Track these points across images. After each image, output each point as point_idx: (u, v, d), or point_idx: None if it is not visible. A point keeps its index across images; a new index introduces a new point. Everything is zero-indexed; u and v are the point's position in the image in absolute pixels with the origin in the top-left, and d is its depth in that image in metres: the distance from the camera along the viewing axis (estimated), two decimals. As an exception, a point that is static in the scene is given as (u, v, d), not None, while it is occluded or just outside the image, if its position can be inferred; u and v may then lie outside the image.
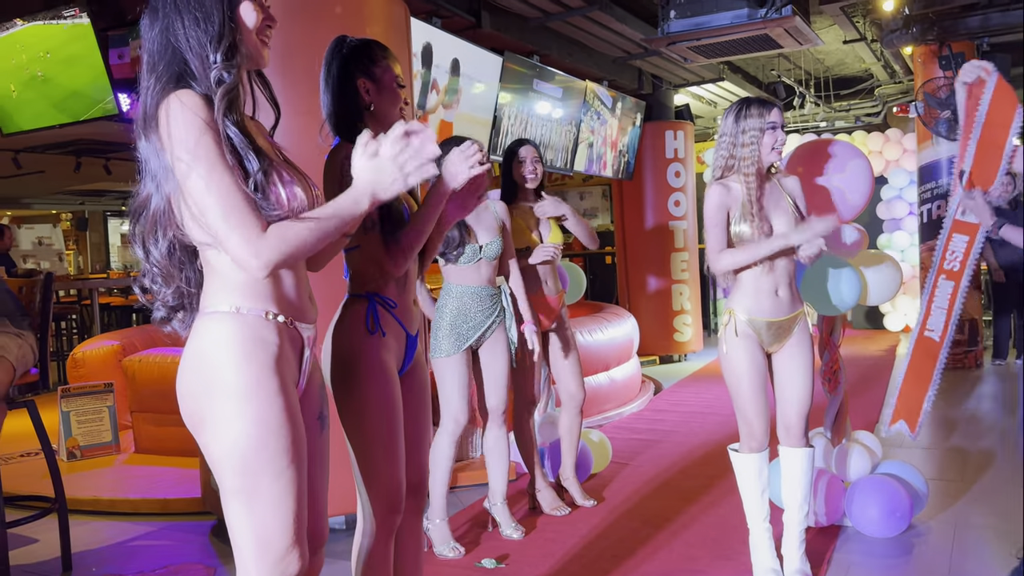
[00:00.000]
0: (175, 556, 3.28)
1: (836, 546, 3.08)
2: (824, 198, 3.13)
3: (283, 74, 3.04)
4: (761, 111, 2.64)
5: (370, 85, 1.99)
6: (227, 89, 1.46)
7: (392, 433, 1.91)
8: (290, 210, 1.50)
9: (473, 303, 3.15)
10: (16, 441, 4.87)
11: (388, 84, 2.02)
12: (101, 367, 5.34)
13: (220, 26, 1.47)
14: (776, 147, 2.66)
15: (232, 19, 1.48)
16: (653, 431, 5.09)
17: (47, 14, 4.60)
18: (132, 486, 4.13)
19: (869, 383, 6.28)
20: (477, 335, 3.15)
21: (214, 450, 1.48)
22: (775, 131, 2.65)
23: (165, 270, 1.53)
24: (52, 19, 4.59)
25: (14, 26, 4.76)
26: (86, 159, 8.66)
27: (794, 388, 2.76)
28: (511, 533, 3.29)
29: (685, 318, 7.81)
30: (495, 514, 3.36)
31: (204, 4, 1.47)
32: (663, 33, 5.00)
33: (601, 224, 12.04)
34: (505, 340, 3.24)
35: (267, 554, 1.48)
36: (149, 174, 1.49)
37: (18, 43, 4.81)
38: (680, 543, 3.20)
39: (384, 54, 2.03)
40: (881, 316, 9.24)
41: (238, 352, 1.47)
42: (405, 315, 2.01)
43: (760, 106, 2.65)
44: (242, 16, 1.51)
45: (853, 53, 7.75)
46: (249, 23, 1.52)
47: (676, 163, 7.80)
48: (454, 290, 3.17)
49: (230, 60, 1.47)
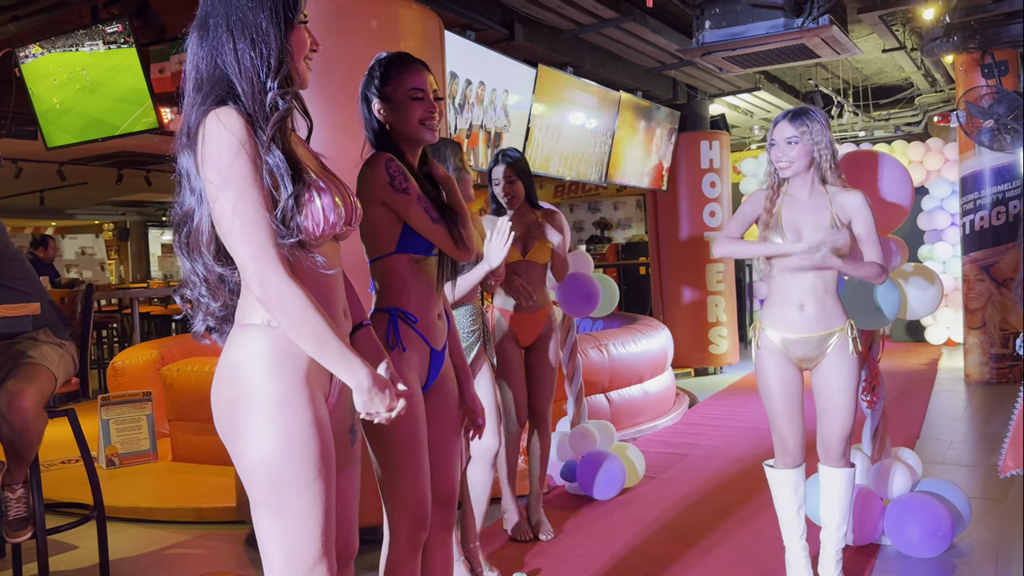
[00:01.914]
0: (211, 564, 3.32)
1: (874, 565, 3.02)
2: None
3: (320, 89, 3.07)
4: (779, 124, 2.63)
5: (382, 105, 2.00)
6: (281, 116, 1.47)
7: (414, 449, 1.91)
8: (329, 224, 1.51)
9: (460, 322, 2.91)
10: (57, 449, 4.96)
11: (399, 100, 1.98)
12: (140, 376, 5.43)
13: (279, 52, 1.48)
14: (778, 164, 2.63)
15: (287, 44, 1.50)
16: (687, 445, 5.04)
17: (84, 36, 4.71)
18: (169, 494, 4.18)
19: (910, 398, 6.15)
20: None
21: (244, 461, 1.50)
22: (773, 147, 2.64)
23: (212, 282, 1.55)
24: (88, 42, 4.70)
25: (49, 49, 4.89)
26: (128, 171, 8.85)
27: (833, 409, 2.68)
28: (486, 573, 3.02)
29: (721, 330, 7.73)
30: (466, 557, 3.02)
31: (261, 28, 1.47)
32: (698, 43, 4.98)
33: (635, 235, 11.98)
34: (489, 370, 2.98)
35: (295, 566, 1.49)
36: (189, 188, 1.51)
37: (51, 65, 4.94)
38: (714, 560, 3.15)
39: (399, 70, 2.00)
40: (923, 329, 9.06)
41: (268, 365, 1.48)
42: (428, 330, 2.00)
43: (781, 119, 2.64)
44: (294, 42, 1.52)
45: (892, 62, 7.64)
46: (299, 48, 1.53)
47: (711, 173, 7.74)
48: None
49: (286, 87, 1.50)
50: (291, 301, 1.43)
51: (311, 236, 1.50)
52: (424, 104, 1.99)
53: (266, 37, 1.47)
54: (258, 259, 1.42)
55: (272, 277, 1.43)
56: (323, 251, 1.55)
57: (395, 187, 1.90)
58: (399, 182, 1.90)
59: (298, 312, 1.44)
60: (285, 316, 1.44)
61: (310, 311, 1.44)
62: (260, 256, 1.42)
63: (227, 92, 1.47)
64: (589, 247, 11.46)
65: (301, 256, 1.49)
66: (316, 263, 1.51)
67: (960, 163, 6.93)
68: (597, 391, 5.13)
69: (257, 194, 1.43)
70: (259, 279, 1.43)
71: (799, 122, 2.60)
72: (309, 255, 1.50)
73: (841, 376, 2.66)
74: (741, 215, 2.75)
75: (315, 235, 1.50)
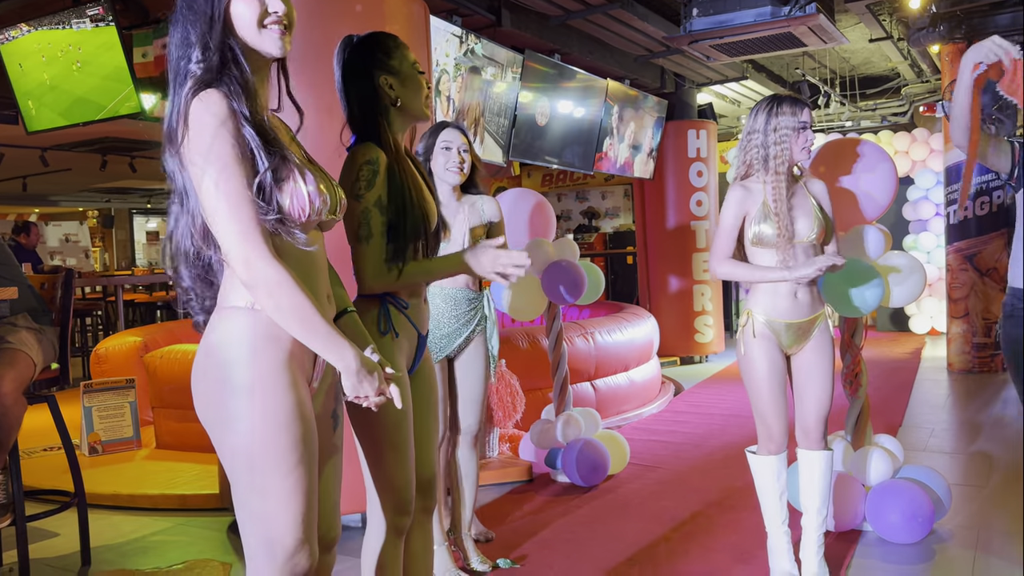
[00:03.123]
0: (192, 552, 3.30)
1: (855, 551, 3.04)
2: (847, 199, 3.09)
3: (302, 73, 3.04)
4: (794, 110, 2.60)
5: (392, 80, 1.95)
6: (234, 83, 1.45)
7: (402, 437, 1.90)
8: (315, 210, 1.50)
9: (446, 308, 2.80)
10: (38, 436, 4.94)
11: (409, 73, 1.97)
12: (124, 363, 5.40)
13: (205, 25, 1.46)
14: (805, 147, 2.63)
15: (221, 19, 1.47)
16: (673, 433, 5.06)
17: (70, 13, 4.64)
18: (152, 481, 4.16)
19: (893, 386, 6.19)
20: (453, 346, 2.82)
21: (225, 445, 1.49)
22: (806, 131, 2.62)
23: (202, 275, 1.55)
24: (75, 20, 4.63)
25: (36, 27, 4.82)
26: (111, 157, 8.77)
27: (813, 391, 2.72)
28: (478, 566, 2.96)
29: (706, 319, 7.75)
30: (463, 546, 2.99)
31: (195, 7, 1.47)
32: (685, 31, 4.96)
33: (623, 224, 11.99)
34: (484, 354, 2.91)
35: (276, 551, 1.48)
36: (177, 192, 1.50)
37: (40, 42, 4.87)
38: (698, 546, 3.16)
39: (396, 43, 1.98)
40: (907, 318, 9.12)
41: (250, 348, 1.47)
42: (417, 315, 2.00)
43: (792, 104, 2.62)
44: (234, 15, 1.49)
45: (879, 52, 7.65)
46: (246, 18, 1.49)
47: (699, 162, 7.74)
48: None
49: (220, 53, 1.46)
50: (277, 283, 1.42)
51: (296, 220, 1.49)
52: (424, 79, 1.99)
53: (200, 15, 1.46)
54: (243, 242, 1.41)
55: (257, 259, 1.42)
56: (307, 239, 1.54)
57: (354, 190, 1.88)
58: (360, 187, 1.89)
59: (284, 294, 1.43)
60: (270, 298, 1.43)
61: (296, 293, 1.43)
62: (245, 239, 1.41)
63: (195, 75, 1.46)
64: (576, 236, 11.46)
65: (285, 239, 1.48)
66: (298, 240, 1.50)
67: (945, 153, 6.95)
68: (583, 379, 5.14)
69: (240, 175, 1.42)
70: (244, 261, 1.42)
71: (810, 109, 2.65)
72: (292, 233, 1.49)
73: (823, 359, 2.71)
74: (729, 226, 2.67)
75: (301, 220, 1.49)
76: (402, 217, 1.92)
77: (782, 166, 2.61)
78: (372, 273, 1.92)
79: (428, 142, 2.87)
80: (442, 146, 2.84)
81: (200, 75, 1.45)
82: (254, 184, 1.44)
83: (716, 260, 2.71)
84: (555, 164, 6.53)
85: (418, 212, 1.95)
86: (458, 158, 2.83)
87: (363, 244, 1.90)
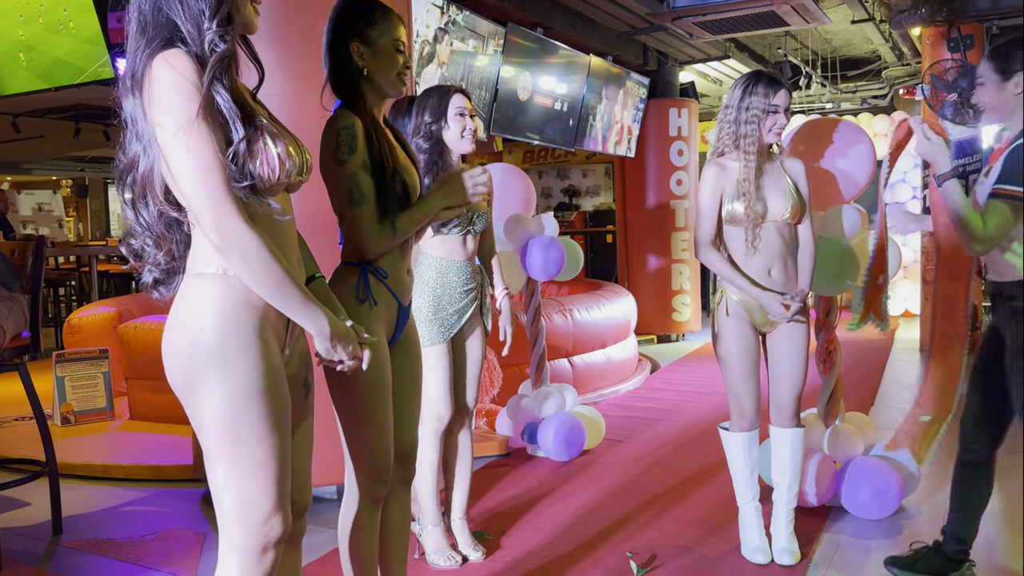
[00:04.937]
0: (166, 522, 3.29)
1: (826, 526, 3.08)
2: (826, 178, 3.10)
3: (279, 38, 3.00)
4: (767, 91, 2.58)
5: (363, 49, 1.92)
6: (221, 56, 1.43)
7: (379, 404, 1.90)
8: (284, 171, 1.48)
9: (458, 280, 2.72)
10: (9, 405, 4.89)
11: (384, 48, 1.93)
12: (97, 333, 5.33)
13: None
14: (774, 130, 2.61)
15: None
16: (648, 409, 5.09)
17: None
18: (125, 452, 4.14)
19: (864, 365, 6.27)
20: (462, 323, 2.75)
21: (198, 413, 1.48)
22: (776, 114, 2.59)
23: (157, 232, 1.51)
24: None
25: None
26: (85, 125, 8.61)
27: (787, 369, 2.74)
28: (470, 553, 2.85)
29: (684, 298, 7.79)
30: (454, 531, 2.91)
31: None
32: (669, 7, 4.96)
33: (603, 202, 11.99)
34: (482, 329, 2.86)
35: (250, 517, 1.48)
36: (135, 134, 1.47)
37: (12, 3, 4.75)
38: (670, 519, 3.20)
39: (384, 16, 1.95)
40: (881, 300, 9.21)
41: (223, 314, 1.45)
42: (398, 285, 1.99)
43: (767, 85, 2.59)
44: None
45: (861, 34, 7.66)
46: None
47: (679, 141, 7.74)
48: (435, 263, 2.71)
49: (225, 27, 1.45)
50: (250, 248, 1.41)
51: (266, 182, 1.47)
52: (403, 58, 1.95)
53: None
54: (216, 206, 1.39)
55: (230, 224, 1.40)
56: (276, 201, 1.52)
57: (336, 156, 1.86)
58: (342, 152, 1.86)
59: (257, 259, 1.42)
60: (244, 263, 1.42)
61: (269, 258, 1.42)
62: (218, 203, 1.40)
63: (172, 34, 1.43)
64: (557, 214, 11.44)
65: (255, 204, 1.46)
66: (271, 209, 1.49)
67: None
68: (560, 355, 5.15)
69: (211, 138, 1.40)
70: (216, 226, 1.40)
71: (788, 91, 2.62)
72: (264, 202, 1.47)
73: (797, 338, 2.73)
74: (709, 207, 2.64)
75: (270, 181, 1.47)
76: (382, 184, 1.90)
77: (751, 145, 2.60)
78: (372, 234, 1.89)
79: (437, 107, 2.66)
80: (456, 112, 2.66)
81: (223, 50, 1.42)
82: (229, 152, 1.42)
83: (701, 245, 2.68)
84: (536, 140, 6.50)
85: (398, 180, 1.93)
86: (473, 124, 2.71)
87: (357, 208, 1.88)
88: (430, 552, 2.82)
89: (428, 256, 2.73)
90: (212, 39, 1.42)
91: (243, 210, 1.42)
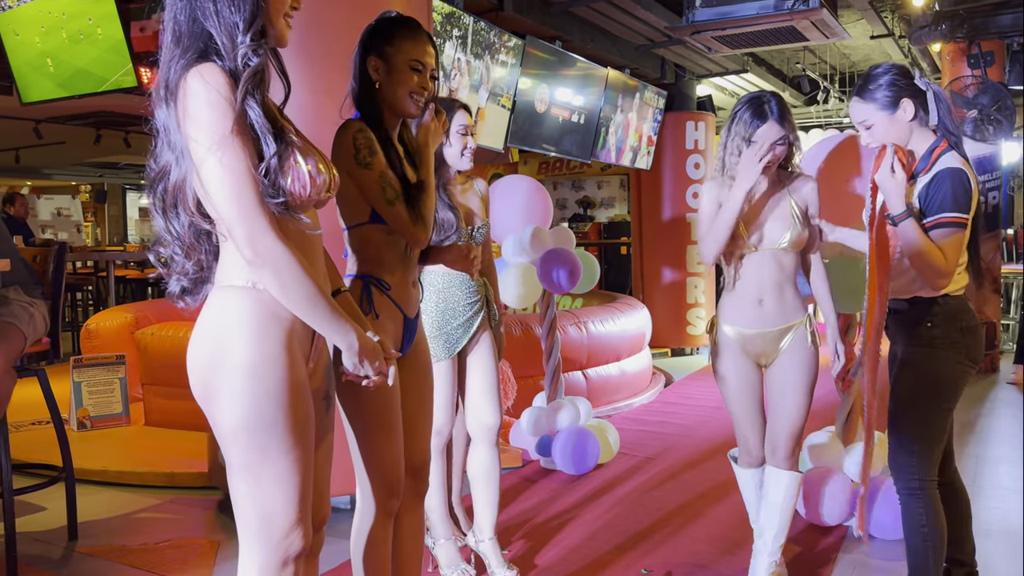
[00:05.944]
0: (180, 529, 3.30)
1: (842, 547, 3.05)
2: (843, 198, 3.08)
3: (301, 52, 3.02)
4: (753, 121, 2.37)
5: (379, 64, 1.93)
6: (254, 70, 1.44)
7: (388, 416, 1.90)
8: (316, 188, 1.48)
9: (461, 295, 2.68)
10: (27, 410, 4.91)
11: (398, 66, 1.92)
12: (114, 339, 5.37)
13: (253, 7, 1.44)
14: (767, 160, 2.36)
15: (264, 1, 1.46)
16: (662, 424, 5.07)
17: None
18: (140, 458, 4.15)
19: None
20: (467, 338, 2.69)
21: (222, 424, 1.48)
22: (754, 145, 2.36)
23: (187, 242, 1.51)
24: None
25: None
26: (106, 131, 8.70)
27: (783, 406, 2.52)
28: (503, 574, 2.74)
29: (699, 311, 7.76)
30: (482, 552, 2.80)
31: None
32: (688, 21, 4.95)
33: (618, 214, 11.99)
34: (492, 341, 2.78)
35: (271, 531, 1.48)
36: (168, 144, 1.47)
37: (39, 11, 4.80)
38: (685, 537, 3.18)
39: (405, 34, 1.94)
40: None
41: (252, 327, 1.46)
42: (402, 297, 1.98)
43: (754, 115, 2.37)
44: (272, 3, 1.48)
45: (880, 49, 7.64)
46: (278, 5, 1.49)
47: (696, 154, 7.73)
48: (438, 278, 2.67)
49: (258, 41, 1.45)
50: (283, 263, 1.42)
51: (297, 199, 1.47)
52: (420, 78, 1.94)
53: None
54: (249, 222, 1.40)
55: (264, 239, 1.41)
56: (311, 223, 1.53)
57: (359, 160, 1.86)
58: (363, 156, 1.86)
59: (290, 274, 1.42)
60: (276, 278, 1.42)
61: (301, 274, 1.43)
62: (251, 218, 1.40)
63: (206, 46, 1.44)
64: (572, 225, 11.45)
65: (287, 219, 1.47)
66: (303, 224, 1.50)
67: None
68: (575, 368, 5.14)
69: (245, 154, 1.40)
70: (249, 241, 1.40)
71: (786, 123, 2.39)
72: (295, 217, 1.48)
73: (797, 373, 2.50)
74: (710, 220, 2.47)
75: (302, 197, 1.47)
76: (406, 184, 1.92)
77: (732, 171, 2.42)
78: (420, 223, 1.90)
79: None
80: (459, 131, 2.65)
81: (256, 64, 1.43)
82: (260, 167, 1.42)
83: (703, 242, 2.49)
84: (553, 152, 6.51)
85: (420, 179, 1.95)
86: (474, 143, 2.70)
87: (394, 206, 1.88)
88: (443, 567, 2.79)
89: (431, 271, 2.66)
90: (246, 53, 1.43)
91: (276, 225, 1.43)
